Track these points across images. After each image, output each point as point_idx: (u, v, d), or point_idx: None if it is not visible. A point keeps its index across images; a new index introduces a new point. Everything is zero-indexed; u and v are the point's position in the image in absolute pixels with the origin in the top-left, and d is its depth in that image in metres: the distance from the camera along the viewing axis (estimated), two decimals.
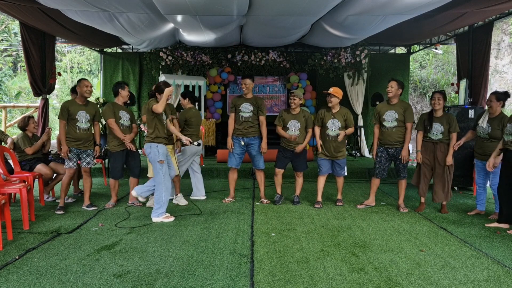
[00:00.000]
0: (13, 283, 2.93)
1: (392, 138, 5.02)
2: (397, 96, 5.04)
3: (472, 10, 6.00)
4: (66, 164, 5.03)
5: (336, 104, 5.21)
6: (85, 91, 5.00)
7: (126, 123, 5.19)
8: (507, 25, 14.14)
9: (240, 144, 5.36)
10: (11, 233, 3.91)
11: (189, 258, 3.45)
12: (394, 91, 4.97)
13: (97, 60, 16.04)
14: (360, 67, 9.72)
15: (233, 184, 5.64)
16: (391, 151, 5.07)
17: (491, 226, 4.43)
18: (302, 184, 5.56)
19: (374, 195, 5.38)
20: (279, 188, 5.54)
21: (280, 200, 5.49)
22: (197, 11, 5.80)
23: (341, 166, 5.34)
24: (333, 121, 5.20)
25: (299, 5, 5.54)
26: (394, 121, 4.99)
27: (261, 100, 5.40)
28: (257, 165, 5.47)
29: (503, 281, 3.04)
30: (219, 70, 9.99)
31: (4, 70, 15.96)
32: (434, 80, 15.55)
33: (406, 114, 4.95)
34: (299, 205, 5.44)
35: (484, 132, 4.78)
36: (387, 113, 5.02)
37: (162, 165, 4.58)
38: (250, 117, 5.31)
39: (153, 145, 4.60)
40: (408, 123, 4.97)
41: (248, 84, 5.28)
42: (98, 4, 5.50)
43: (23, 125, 5.53)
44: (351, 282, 3.00)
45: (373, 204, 5.35)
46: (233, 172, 5.57)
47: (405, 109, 4.97)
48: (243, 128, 5.32)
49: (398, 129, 4.99)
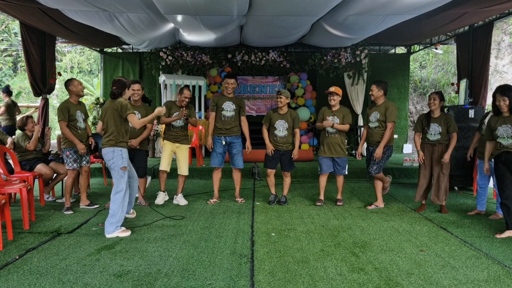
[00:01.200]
0: (13, 283, 2.93)
1: (373, 138, 5.14)
2: (381, 97, 5.12)
3: (472, 10, 6.00)
4: (69, 166, 4.98)
5: (337, 102, 5.30)
6: (81, 89, 5.03)
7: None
8: (507, 25, 14.14)
9: (222, 143, 5.35)
10: (11, 233, 3.91)
11: (189, 258, 3.45)
12: (375, 94, 5.10)
13: (97, 60, 16.03)
14: (360, 67, 9.72)
15: (217, 184, 5.59)
16: (371, 149, 5.18)
17: (503, 237, 4.10)
18: (289, 184, 5.56)
19: (381, 194, 5.36)
20: (273, 188, 5.54)
21: (274, 201, 5.49)
22: (197, 11, 5.80)
23: (342, 164, 5.35)
24: (332, 118, 5.27)
25: (299, 5, 5.54)
26: (376, 122, 5.10)
27: (242, 101, 5.46)
28: (237, 164, 5.47)
29: (503, 281, 3.04)
30: (219, 70, 9.99)
31: (4, 70, 15.97)
32: (434, 80, 15.55)
33: (387, 114, 5.02)
34: (286, 204, 5.44)
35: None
36: (372, 114, 5.16)
37: (125, 172, 4.15)
38: (233, 116, 5.32)
39: (116, 149, 4.12)
40: (388, 122, 5.02)
41: (232, 84, 5.31)
42: (98, 4, 5.50)
43: (21, 124, 5.53)
44: (351, 282, 3.00)
45: (382, 206, 5.31)
46: (217, 172, 5.53)
47: (386, 109, 5.05)
48: (225, 127, 5.32)
49: (378, 129, 5.09)
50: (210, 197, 5.76)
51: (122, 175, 4.10)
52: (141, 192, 5.34)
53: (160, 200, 5.44)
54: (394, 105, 5.14)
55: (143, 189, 5.42)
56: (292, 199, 5.78)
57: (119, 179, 4.10)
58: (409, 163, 8.06)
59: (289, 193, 5.99)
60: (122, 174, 4.10)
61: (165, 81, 8.99)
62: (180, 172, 5.48)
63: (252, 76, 10.35)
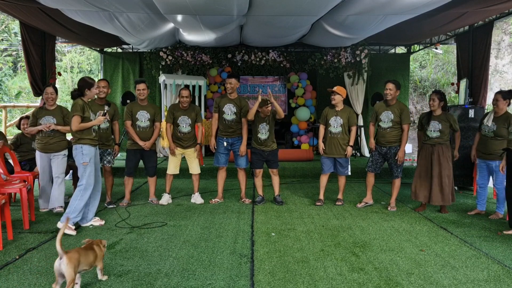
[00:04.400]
0: (13, 283, 2.93)
1: (385, 139, 5.09)
2: (395, 97, 5.08)
3: (472, 10, 5.99)
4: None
5: (340, 102, 5.26)
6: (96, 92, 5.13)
7: (144, 123, 5.24)
8: (507, 25, 14.13)
9: (224, 144, 5.36)
10: (11, 233, 3.91)
11: (189, 258, 3.45)
12: (393, 93, 5.02)
13: (97, 60, 16.03)
14: (360, 67, 9.72)
15: (221, 184, 5.61)
16: (384, 150, 5.14)
17: (508, 233, 4.19)
18: (279, 182, 5.53)
19: (371, 192, 5.40)
20: (260, 189, 5.54)
21: (261, 202, 5.48)
22: (197, 11, 5.80)
23: (344, 165, 5.34)
24: (335, 118, 5.24)
25: (299, 5, 5.54)
26: (389, 122, 5.05)
27: (245, 101, 5.42)
28: (240, 164, 5.47)
29: (503, 281, 3.04)
30: (219, 70, 9.98)
31: (4, 70, 15.97)
32: (434, 80, 15.55)
33: (403, 116, 5.00)
34: (282, 204, 5.43)
35: (489, 130, 4.82)
36: (384, 113, 5.08)
37: (85, 167, 4.21)
38: (234, 119, 5.31)
39: (77, 146, 4.22)
40: (404, 125, 5.02)
41: (233, 84, 5.28)
42: (98, 4, 5.50)
43: (19, 124, 5.76)
44: (351, 281, 3.00)
45: (371, 202, 5.36)
46: (221, 171, 5.55)
47: (401, 111, 5.01)
48: (226, 130, 5.34)
49: (392, 130, 5.06)
50: (210, 197, 5.76)
51: (83, 170, 4.20)
52: (152, 191, 5.50)
53: (164, 201, 5.46)
54: (407, 107, 5.16)
55: (154, 187, 5.52)
56: (292, 199, 5.78)
57: (82, 174, 4.22)
58: (409, 163, 8.06)
59: (289, 193, 6.00)
60: (83, 169, 4.20)
61: (165, 81, 8.98)
62: (192, 172, 5.55)
63: (252, 76, 10.34)
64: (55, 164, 4.96)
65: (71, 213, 4.11)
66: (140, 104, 5.27)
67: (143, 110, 5.23)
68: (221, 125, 5.37)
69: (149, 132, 5.28)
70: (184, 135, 5.39)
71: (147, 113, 5.23)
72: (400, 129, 5.05)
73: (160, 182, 6.19)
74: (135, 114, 5.21)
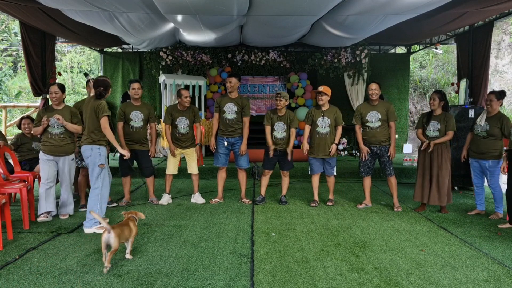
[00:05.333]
0: (13, 283, 2.93)
1: (376, 138, 5.14)
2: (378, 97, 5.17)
3: (472, 10, 6.00)
4: (81, 164, 5.07)
5: (326, 102, 5.28)
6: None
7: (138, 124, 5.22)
8: (507, 25, 14.13)
9: (224, 144, 5.35)
10: (11, 232, 3.91)
11: (189, 258, 3.45)
12: (378, 93, 5.11)
13: (97, 60, 16.02)
14: (360, 67, 9.72)
15: (222, 184, 5.60)
16: (375, 149, 5.17)
17: (504, 227, 4.39)
18: (288, 183, 5.57)
19: (369, 194, 5.41)
20: (263, 189, 5.54)
21: (262, 202, 5.48)
22: (197, 11, 5.80)
23: (331, 165, 5.36)
24: (323, 119, 5.26)
25: (299, 5, 5.54)
26: (377, 121, 5.11)
27: (246, 101, 5.39)
28: (240, 164, 5.46)
29: (503, 281, 3.04)
30: (219, 70, 9.98)
31: (4, 70, 15.96)
32: (434, 80, 15.54)
33: (389, 114, 5.10)
34: (286, 204, 5.44)
35: (482, 130, 4.83)
36: (370, 114, 5.14)
37: (102, 168, 4.24)
38: (234, 119, 5.30)
39: (94, 147, 4.23)
40: (391, 122, 5.11)
41: (233, 83, 5.27)
42: (98, 4, 5.50)
43: (19, 124, 5.74)
44: (351, 282, 3.00)
45: (370, 205, 5.37)
46: (221, 171, 5.54)
47: (387, 109, 5.11)
48: (227, 129, 5.33)
49: (382, 129, 5.12)
50: (210, 197, 5.76)
51: (98, 173, 4.23)
52: (151, 191, 5.49)
53: (164, 201, 5.47)
54: (392, 104, 5.32)
55: (152, 187, 5.51)
56: (292, 199, 5.78)
57: (97, 175, 4.24)
58: (409, 163, 8.06)
59: (289, 193, 5.99)
60: (99, 171, 4.23)
61: (165, 81, 8.99)
62: (190, 171, 5.55)
63: (252, 76, 10.34)
64: (67, 168, 4.70)
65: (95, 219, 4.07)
66: (133, 104, 5.26)
67: (137, 110, 5.22)
68: (222, 124, 5.37)
69: (142, 133, 5.27)
70: (183, 136, 5.40)
71: (140, 113, 5.21)
72: (388, 127, 5.15)
73: (160, 182, 6.20)
74: (128, 114, 5.18)
